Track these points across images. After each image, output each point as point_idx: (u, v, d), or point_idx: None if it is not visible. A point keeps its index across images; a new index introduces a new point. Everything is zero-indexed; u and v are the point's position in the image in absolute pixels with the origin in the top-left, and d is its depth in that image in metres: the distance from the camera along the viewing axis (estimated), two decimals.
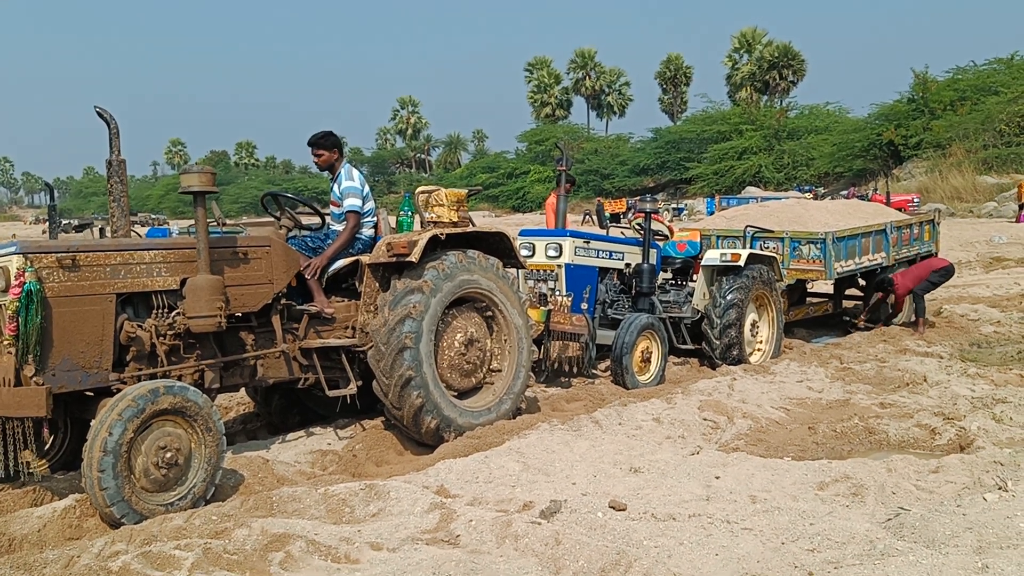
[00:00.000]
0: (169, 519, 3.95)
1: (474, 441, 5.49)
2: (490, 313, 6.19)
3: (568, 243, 8.02)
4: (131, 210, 5.48)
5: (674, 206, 42.99)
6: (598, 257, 8.39)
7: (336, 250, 5.93)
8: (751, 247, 9.56)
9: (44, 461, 5.28)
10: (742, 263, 8.47)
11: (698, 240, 9.85)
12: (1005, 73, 39.38)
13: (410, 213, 6.54)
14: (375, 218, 6.31)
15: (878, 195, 27.91)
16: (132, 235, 5.39)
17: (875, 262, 10.33)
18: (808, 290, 11.33)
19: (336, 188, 6.14)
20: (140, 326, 4.88)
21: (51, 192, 16.75)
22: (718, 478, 4.63)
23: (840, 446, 5.73)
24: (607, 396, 7.13)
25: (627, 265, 8.70)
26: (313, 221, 6.31)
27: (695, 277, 9.32)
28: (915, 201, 28.75)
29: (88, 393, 4.80)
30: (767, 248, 9.72)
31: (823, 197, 32.57)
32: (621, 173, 57.02)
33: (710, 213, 32.26)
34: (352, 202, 6.02)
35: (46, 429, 4.76)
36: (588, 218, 36.05)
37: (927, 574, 3.24)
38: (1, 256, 4.51)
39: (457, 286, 5.80)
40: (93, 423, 4.26)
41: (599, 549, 3.57)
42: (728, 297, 8.36)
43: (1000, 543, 3.49)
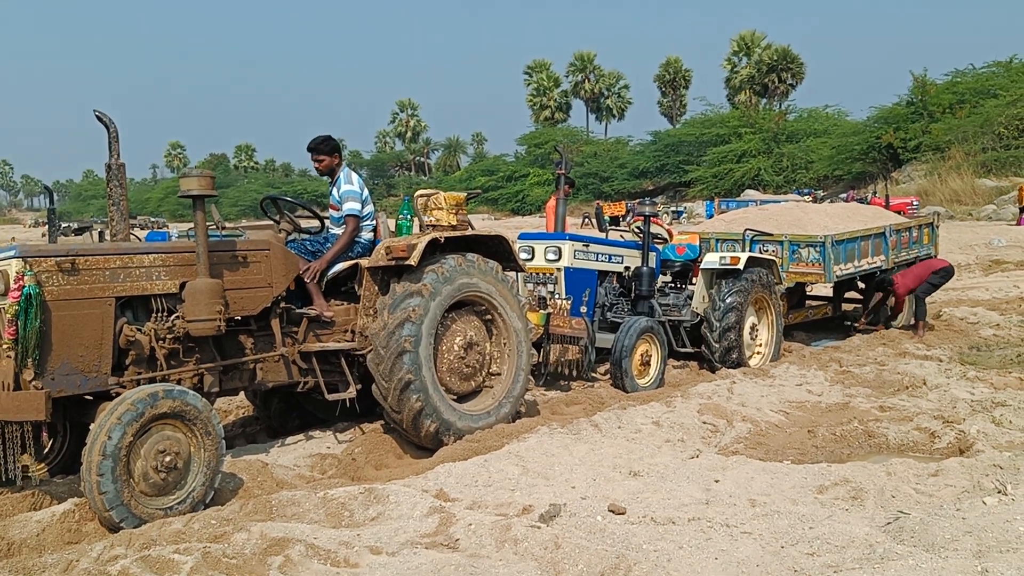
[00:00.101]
0: (168, 523, 3.94)
1: (473, 445, 5.49)
2: (489, 316, 6.19)
3: (567, 246, 8.02)
4: (130, 213, 5.47)
5: (673, 209, 43.00)
6: (597, 260, 8.39)
7: (335, 254, 5.93)
8: (750, 250, 9.57)
9: (43, 465, 5.27)
10: (741, 266, 8.48)
11: (697, 243, 9.86)
12: (1004, 76, 39.49)
13: (409, 216, 6.54)
14: (374, 221, 6.32)
15: (877, 198, 27.97)
16: (131, 238, 5.39)
17: (874, 265, 10.34)
18: (807, 293, 11.34)
19: (335, 192, 6.15)
20: (139, 330, 4.88)
21: (50, 195, 16.72)
22: (717, 482, 4.63)
23: (839, 449, 5.72)
24: (606, 399, 7.12)
25: (626, 268, 8.70)
26: (312, 225, 6.31)
27: (694, 280, 9.32)
28: (914, 204, 28.80)
29: (87, 397, 4.80)
30: (766, 251, 9.72)
31: (822, 200, 32.58)
32: (620, 176, 57.08)
33: (709, 216, 32.23)
34: (351, 206, 6.02)
35: (45, 433, 4.75)
36: (587, 221, 36.05)
37: None
38: (0, 260, 4.51)
39: (456, 289, 5.80)
40: (92, 427, 4.25)
41: (598, 553, 3.57)
42: (727, 300, 8.36)
43: (1000, 547, 3.49)
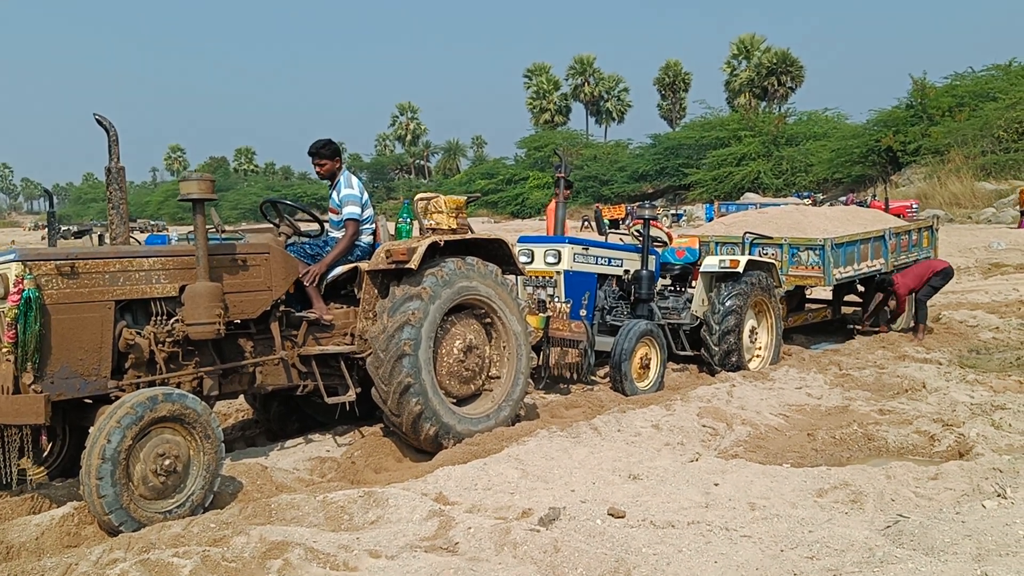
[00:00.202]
0: (167, 526, 3.94)
1: (473, 448, 5.48)
2: (489, 320, 6.19)
3: (567, 250, 8.03)
4: (130, 216, 5.48)
5: (673, 212, 43.04)
6: (597, 264, 8.40)
7: (335, 257, 5.93)
8: (750, 253, 9.57)
9: (42, 468, 5.27)
10: (741, 269, 8.48)
11: (697, 246, 9.86)
12: (1003, 79, 39.59)
13: (409, 220, 6.55)
14: (373, 225, 6.32)
15: (877, 201, 27.99)
16: (131, 242, 5.40)
17: (874, 268, 10.34)
18: (807, 296, 11.34)
19: (335, 195, 6.15)
20: (139, 333, 4.87)
21: (50, 198, 16.72)
22: (717, 485, 4.63)
23: (839, 453, 5.72)
24: (606, 403, 7.12)
25: (626, 271, 8.70)
26: (312, 228, 6.32)
27: (694, 283, 9.32)
28: (914, 207, 28.85)
29: (87, 400, 4.79)
30: (766, 254, 9.73)
31: (822, 203, 32.58)
32: (620, 179, 57.09)
33: (709, 219, 32.28)
34: (351, 210, 6.02)
35: (44, 436, 4.76)
36: (586, 224, 36.05)
37: None
38: (0, 263, 4.51)
39: (456, 293, 5.80)
40: (91, 430, 4.25)
41: (598, 557, 3.56)
42: (727, 303, 8.36)
43: (999, 550, 3.49)
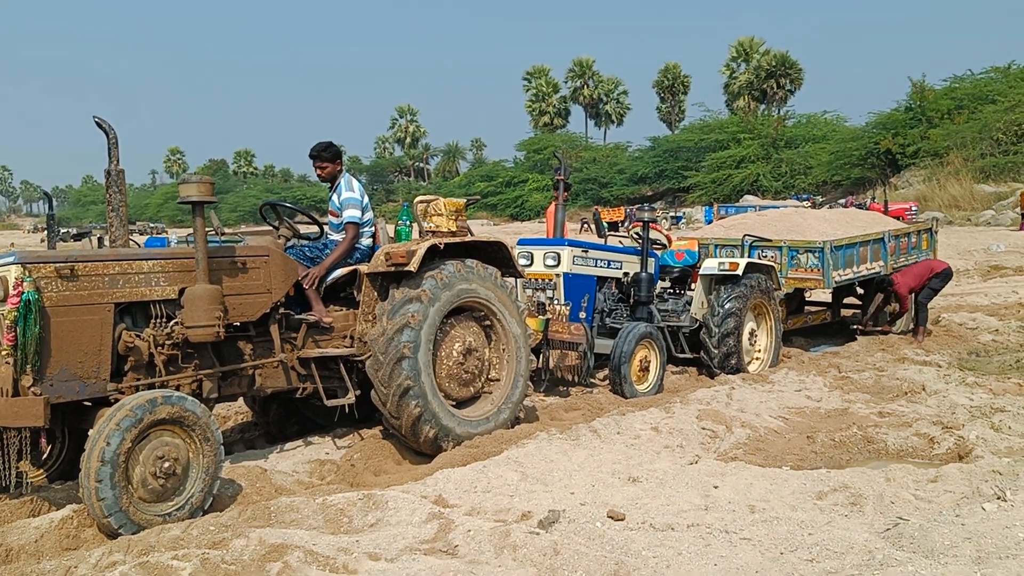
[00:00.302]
0: (167, 529, 3.94)
1: (472, 450, 5.48)
2: (488, 322, 6.19)
3: (566, 252, 8.03)
4: (129, 219, 5.48)
5: (672, 215, 43.03)
6: (596, 266, 8.40)
7: (335, 260, 5.94)
8: (749, 256, 9.57)
9: (41, 471, 5.27)
10: (740, 272, 8.48)
11: (696, 249, 9.86)
12: (1002, 82, 39.65)
13: (408, 222, 6.55)
14: (373, 228, 6.32)
15: (876, 204, 28.02)
16: (130, 244, 5.40)
17: (873, 271, 10.34)
18: (806, 299, 11.34)
19: (336, 198, 6.15)
20: (138, 336, 4.87)
21: (49, 201, 16.74)
22: (716, 487, 4.62)
23: (839, 455, 5.72)
24: (605, 405, 7.12)
25: (625, 274, 8.70)
26: (311, 231, 6.32)
27: (693, 286, 9.33)
28: (913, 209, 28.84)
29: (86, 403, 4.79)
30: (765, 257, 9.72)
31: (821, 206, 32.62)
32: (619, 182, 57.12)
33: (708, 222, 32.26)
34: (352, 213, 6.02)
35: (43, 439, 4.76)
36: (585, 226, 36.07)
37: None
38: (0, 266, 4.51)
39: (455, 295, 5.80)
40: (91, 433, 4.25)
41: (597, 559, 3.56)
42: (726, 306, 8.36)
43: (999, 553, 3.49)
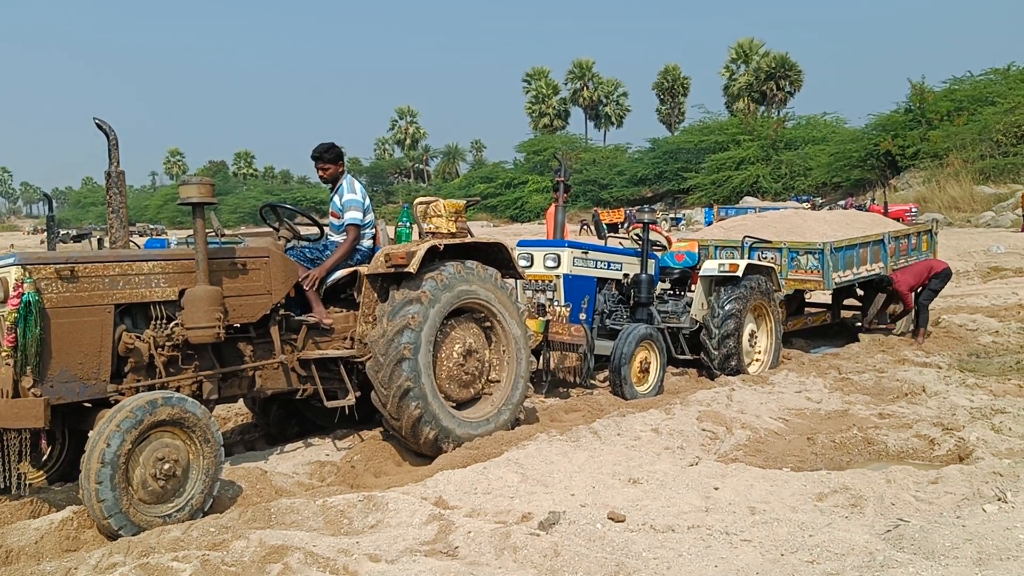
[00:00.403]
0: (167, 531, 3.94)
1: (472, 452, 5.48)
2: (488, 324, 6.19)
3: (566, 253, 8.03)
4: (129, 220, 5.48)
5: (672, 216, 43.04)
6: (596, 267, 8.40)
7: (335, 262, 5.94)
8: (749, 257, 9.58)
9: (41, 472, 5.27)
10: (740, 273, 8.49)
11: (696, 250, 9.86)
12: (1001, 84, 39.64)
13: (408, 224, 6.55)
14: (374, 229, 6.32)
15: (876, 205, 28.02)
16: (130, 246, 5.40)
17: (873, 272, 10.35)
18: (806, 300, 11.34)
19: (337, 200, 6.14)
20: (138, 337, 4.87)
21: (49, 202, 16.78)
22: (717, 489, 4.62)
23: (839, 457, 5.72)
24: (605, 407, 7.12)
25: (625, 275, 8.70)
26: (311, 232, 6.32)
27: (693, 287, 9.33)
28: (913, 211, 28.83)
29: (86, 404, 4.79)
30: (765, 258, 9.73)
31: (821, 207, 32.62)
32: (619, 183, 57.13)
33: (708, 223, 32.27)
34: (353, 215, 6.02)
35: (44, 440, 4.75)
36: (585, 228, 36.07)
37: None
38: (0, 267, 4.51)
39: (455, 297, 5.80)
40: (91, 434, 4.25)
41: (598, 561, 3.56)
42: (726, 307, 8.36)
43: (1000, 554, 3.49)
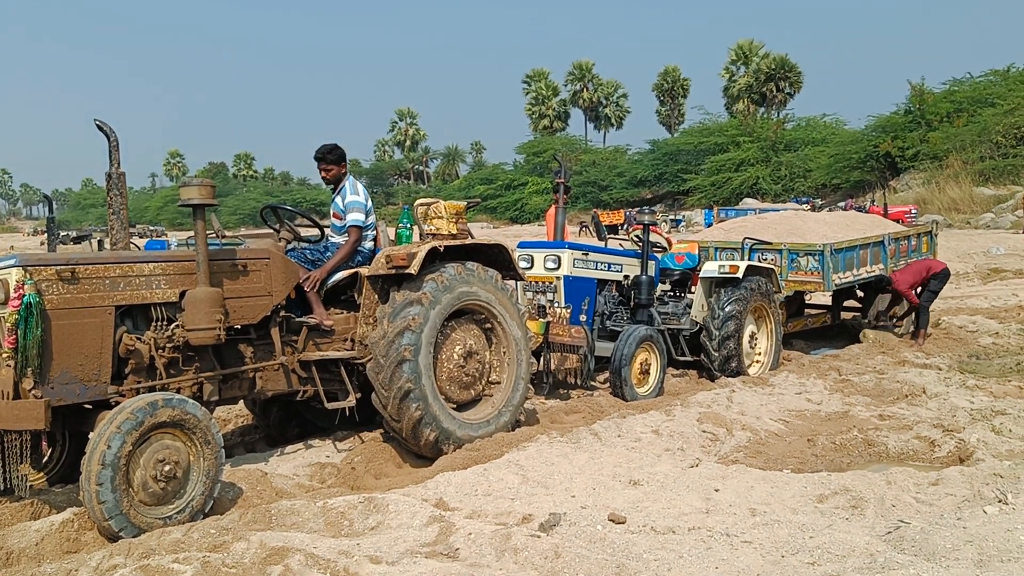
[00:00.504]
0: (167, 532, 3.94)
1: (473, 454, 5.48)
2: (489, 325, 6.18)
3: (567, 255, 8.04)
4: (129, 222, 5.48)
5: (672, 218, 43.07)
6: (596, 269, 8.40)
7: (336, 263, 5.93)
8: (749, 259, 9.58)
9: (42, 474, 5.27)
10: (740, 275, 8.49)
11: (696, 252, 9.86)
12: (1001, 85, 39.69)
13: (409, 225, 6.55)
14: (375, 231, 6.32)
15: (875, 207, 28.05)
16: (130, 247, 5.40)
17: (873, 274, 10.35)
18: (806, 302, 11.35)
19: (340, 201, 6.14)
20: (139, 338, 4.88)
21: (49, 204, 16.78)
22: (717, 491, 4.62)
23: (839, 458, 5.72)
24: (606, 408, 7.12)
25: (625, 277, 8.71)
26: (312, 233, 6.32)
27: (693, 289, 9.33)
28: (913, 212, 28.86)
29: (87, 406, 4.79)
30: (765, 260, 9.73)
31: (821, 209, 32.65)
32: (619, 185, 57.16)
33: (708, 225, 32.31)
34: (356, 217, 6.02)
35: (44, 442, 4.75)
36: (584, 229, 36.09)
37: None
38: (0, 268, 4.51)
39: (456, 298, 5.80)
40: (92, 436, 4.25)
41: (598, 562, 3.56)
42: (726, 309, 8.36)
43: (1001, 556, 3.49)
